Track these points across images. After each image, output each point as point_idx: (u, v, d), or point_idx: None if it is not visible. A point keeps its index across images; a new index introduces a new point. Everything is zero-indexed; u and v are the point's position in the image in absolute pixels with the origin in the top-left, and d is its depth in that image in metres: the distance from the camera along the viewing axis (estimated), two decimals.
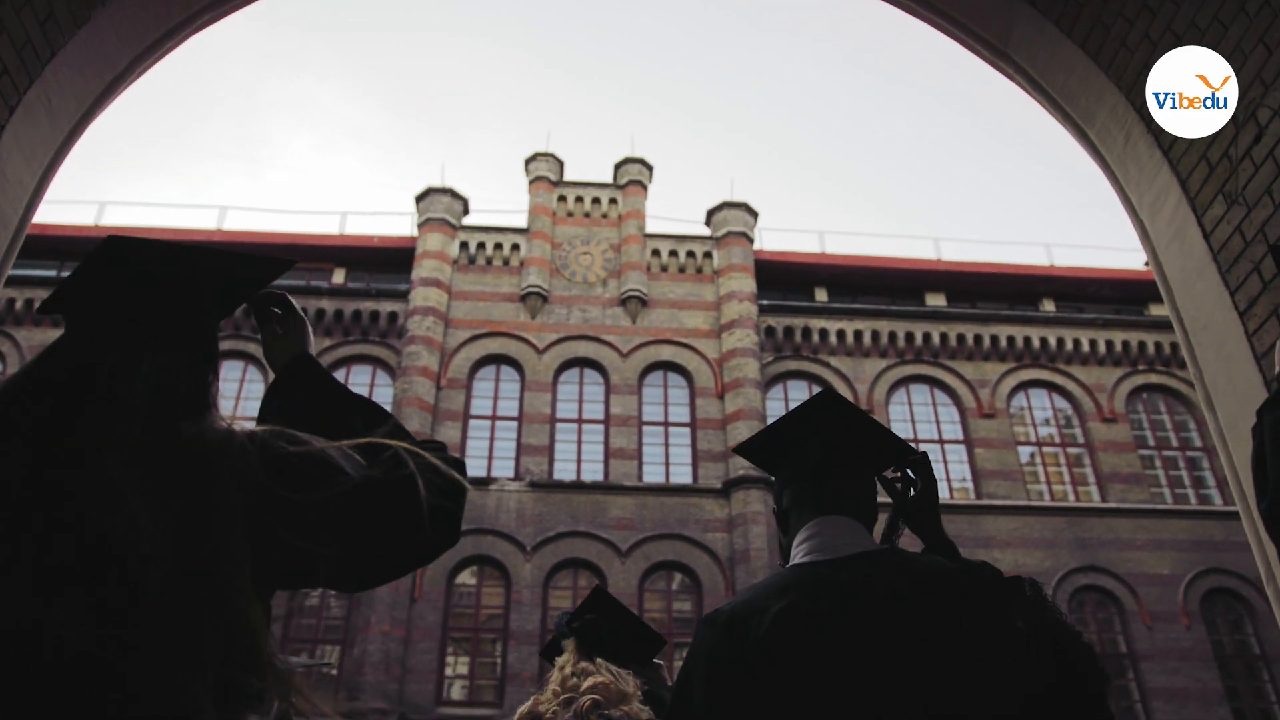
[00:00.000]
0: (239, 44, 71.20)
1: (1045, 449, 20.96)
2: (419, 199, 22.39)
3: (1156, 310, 23.52)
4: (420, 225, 22.04)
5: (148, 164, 63.38)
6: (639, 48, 71.14)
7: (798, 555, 1.70)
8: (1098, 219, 67.33)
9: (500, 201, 58.76)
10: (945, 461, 20.47)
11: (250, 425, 1.23)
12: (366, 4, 66.66)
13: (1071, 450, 20.96)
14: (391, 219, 27.05)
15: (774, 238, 23.66)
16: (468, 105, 72.00)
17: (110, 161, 62.35)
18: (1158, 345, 22.03)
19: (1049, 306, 23.39)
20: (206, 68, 70.31)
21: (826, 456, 1.82)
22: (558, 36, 69.15)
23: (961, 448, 20.71)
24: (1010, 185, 67.69)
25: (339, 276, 22.38)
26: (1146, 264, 19.74)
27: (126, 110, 65.67)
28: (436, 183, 22.38)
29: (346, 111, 72.76)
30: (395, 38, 67.73)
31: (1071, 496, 20.25)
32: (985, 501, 19.62)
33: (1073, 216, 66.37)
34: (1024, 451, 20.81)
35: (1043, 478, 20.54)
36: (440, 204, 22.18)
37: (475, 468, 19.27)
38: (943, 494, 19.61)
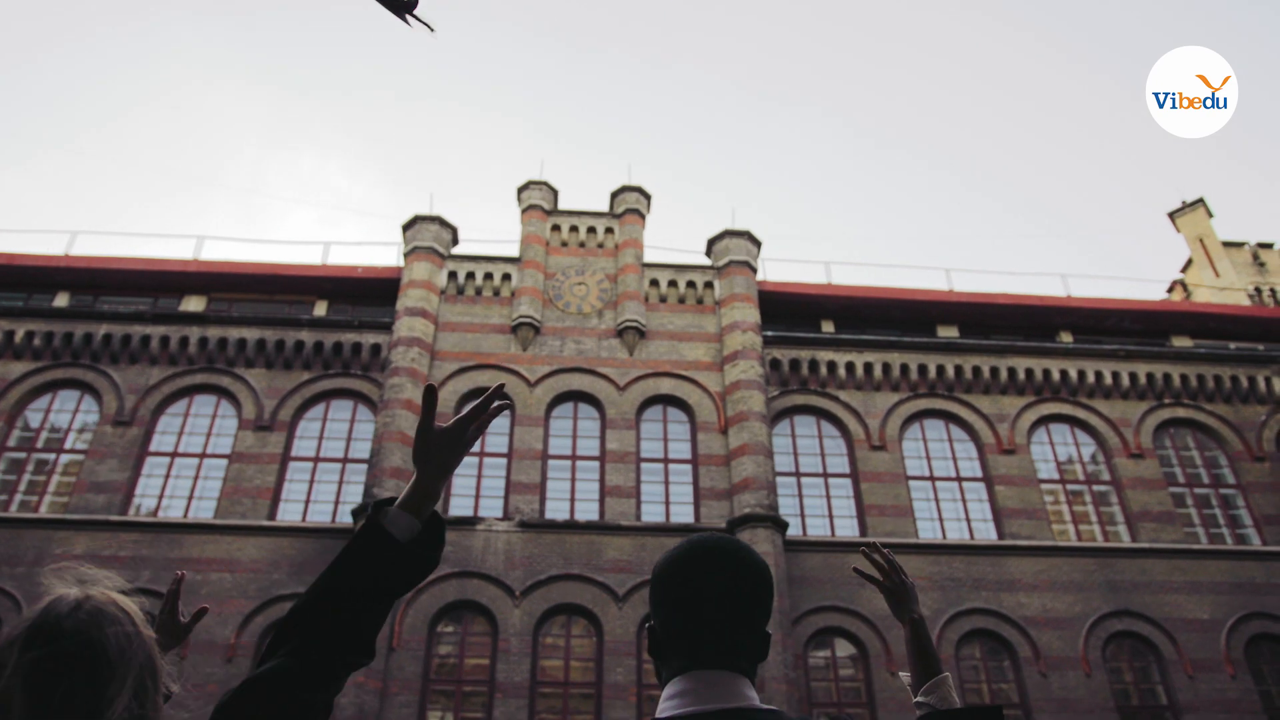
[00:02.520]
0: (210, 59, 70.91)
1: (1069, 486, 19.69)
2: (406, 227, 21.38)
3: (1179, 341, 22.45)
4: (407, 254, 21.00)
5: (123, 194, 62.45)
6: (637, 76, 71.00)
7: (665, 709, 1.62)
8: (1114, 249, 66.41)
9: (493, 232, 58.04)
10: (964, 500, 19.21)
11: None
12: (356, 38, 66.56)
13: (1098, 488, 19.69)
14: (378, 249, 25.98)
15: (778, 268, 22.75)
16: (459, 136, 71.46)
17: (85, 196, 61.40)
18: (1183, 378, 20.89)
19: (1066, 338, 22.28)
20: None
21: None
22: (552, 65, 68.97)
23: (981, 485, 19.45)
24: (1022, 214, 66.94)
25: (321, 309, 21.27)
26: (1168, 293, 18.68)
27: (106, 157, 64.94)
28: (425, 211, 21.39)
29: (333, 139, 72.24)
30: (384, 68, 67.44)
31: (1100, 536, 18.93)
32: (1008, 542, 18.30)
33: (1088, 246, 65.52)
34: (1047, 489, 19.53)
35: (1068, 517, 19.23)
36: (428, 232, 21.16)
37: (461, 506, 17.99)
38: (962, 535, 18.36)
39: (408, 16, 2.97)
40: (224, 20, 64.16)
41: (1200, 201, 30.88)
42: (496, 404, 1.76)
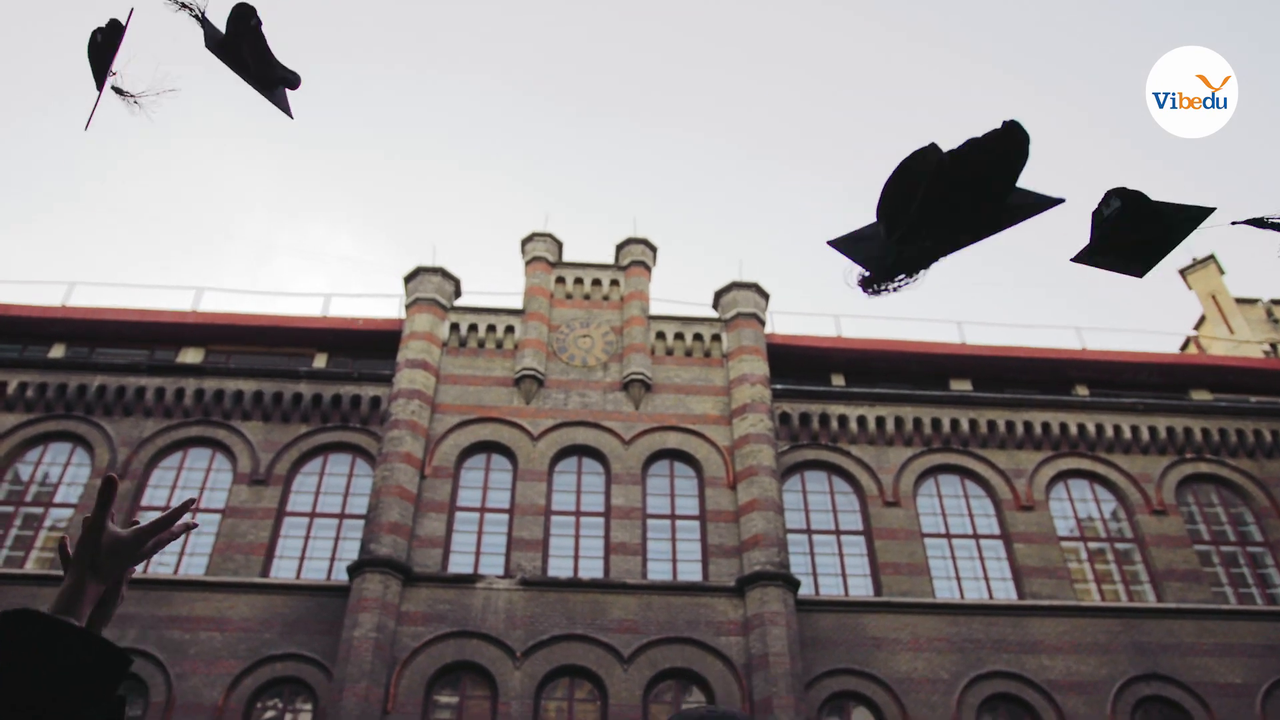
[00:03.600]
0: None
1: (1091, 544, 19.02)
2: (408, 279, 21.06)
3: (1198, 395, 21.92)
4: (408, 306, 20.65)
5: (119, 245, 62.32)
6: (641, 129, 71.23)
7: None
8: (1126, 303, 65.96)
9: (497, 284, 57.70)
10: (982, 558, 18.55)
11: None
12: (355, 83, 67.19)
13: (1120, 545, 19.02)
14: (379, 301, 25.65)
15: (786, 321, 22.30)
16: (463, 190, 71.55)
17: (87, 253, 61.25)
18: (1205, 432, 20.33)
19: (1083, 392, 21.76)
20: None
21: None
22: (556, 120, 69.35)
23: (999, 543, 18.79)
24: (1034, 265, 66.53)
25: (320, 361, 20.87)
26: (1188, 340, 18.11)
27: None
28: (427, 262, 21.10)
29: (338, 200, 72.50)
30: (387, 125, 67.95)
31: (1124, 596, 18.22)
32: (1029, 602, 17.59)
33: (1100, 300, 65.02)
34: (1068, 547, 18.86)
35: (1090, 575, 18.54)
36: (430, 284, 20.84)
37: (461, 563, 17.36)
38: (981, 594, 17.66)
39: (279, 94, 2.53)
40: (227, 82, 64.93)
41: (1211, 258, 30.55)
42: (180, 523, 1.61)
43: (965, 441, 20.00)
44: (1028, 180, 1.88)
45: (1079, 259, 2.14)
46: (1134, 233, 2.03)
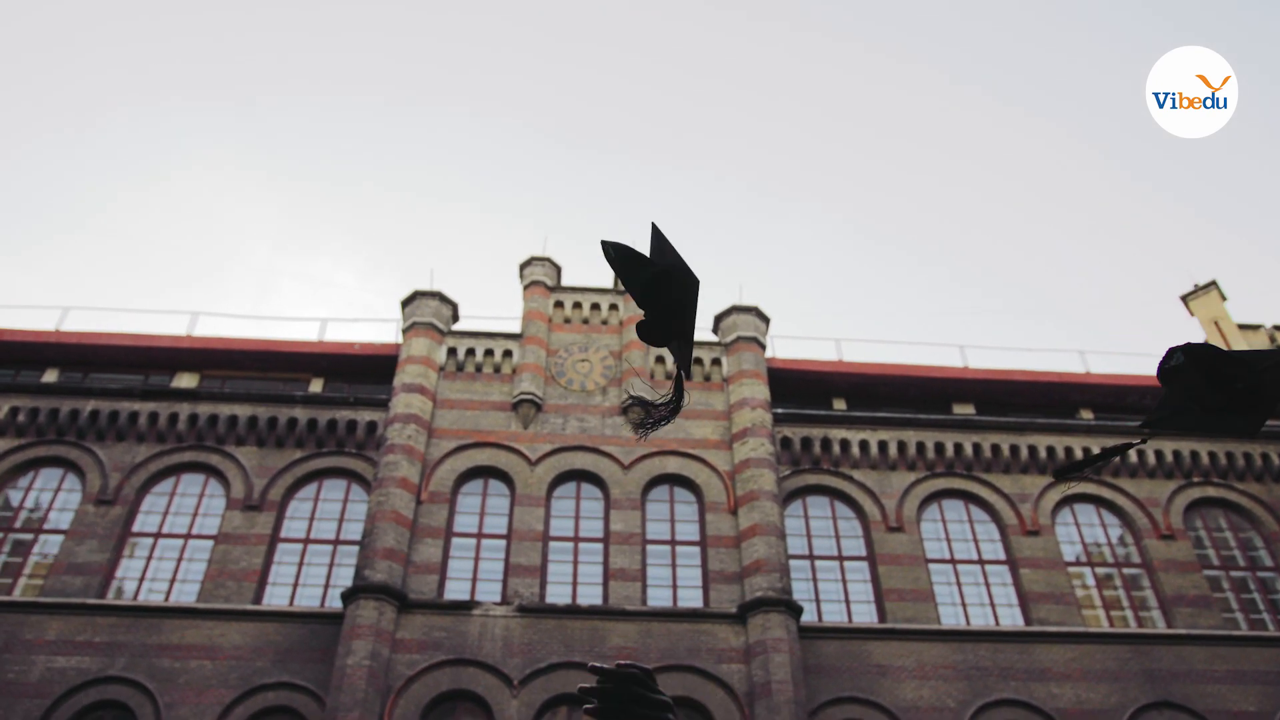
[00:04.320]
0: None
1: (1098, 569, 18.70)
2: (405, 303, 20.90)
3: None
4: (405, 330, 20.47)
5: (119, 278, 62.05)
6: (641, 153, 71.30)
7: None
8: (1127, 328, 65.62)
9: (495, 309, 57.49)
10: (988, 584, 18.22)
11: None
12: (355, 111, 67.43)
13: (1128, 571, 18.70)
14: (376, 326, 25.51)
15: (787, 345, 22.06)
16: (461, 215, 71.45)
17: (87, 283, 60.92)
18: (1212, 455, 20.08)
19: (1087, 415, 21.53)
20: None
21: None
22: (556, 145, 69.40)
23: (1004, 569, 18.47)
24: (1036, 290, 66.24)
25: (316, 386, 20.67)
26: None
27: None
28: (425, 286, 20.95)
29: (337, 230, 72.58)
30: (385, 153, 68.07)
31: (1133, 622, 17.88)
32: (1036, 628, 17.25)
33: (1100, 324, 64.65)
34: (1074, 572, 18.54)
35: (1098, 601, 18.21)
36: (428, 308, 20.67)
37: (457, 590, 17.04)
38: (987, 621, 17.33)
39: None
40: (231, 114, 65.21)
41: (1213, 284, 30.41)
42: None
43: (969, 466, 19.75)
44: None
45: (1154, 424, 2.06)
46: (1216, 391, 1.97)
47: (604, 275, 22.53)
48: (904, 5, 63.26)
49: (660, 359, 20.69)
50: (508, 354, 20.46)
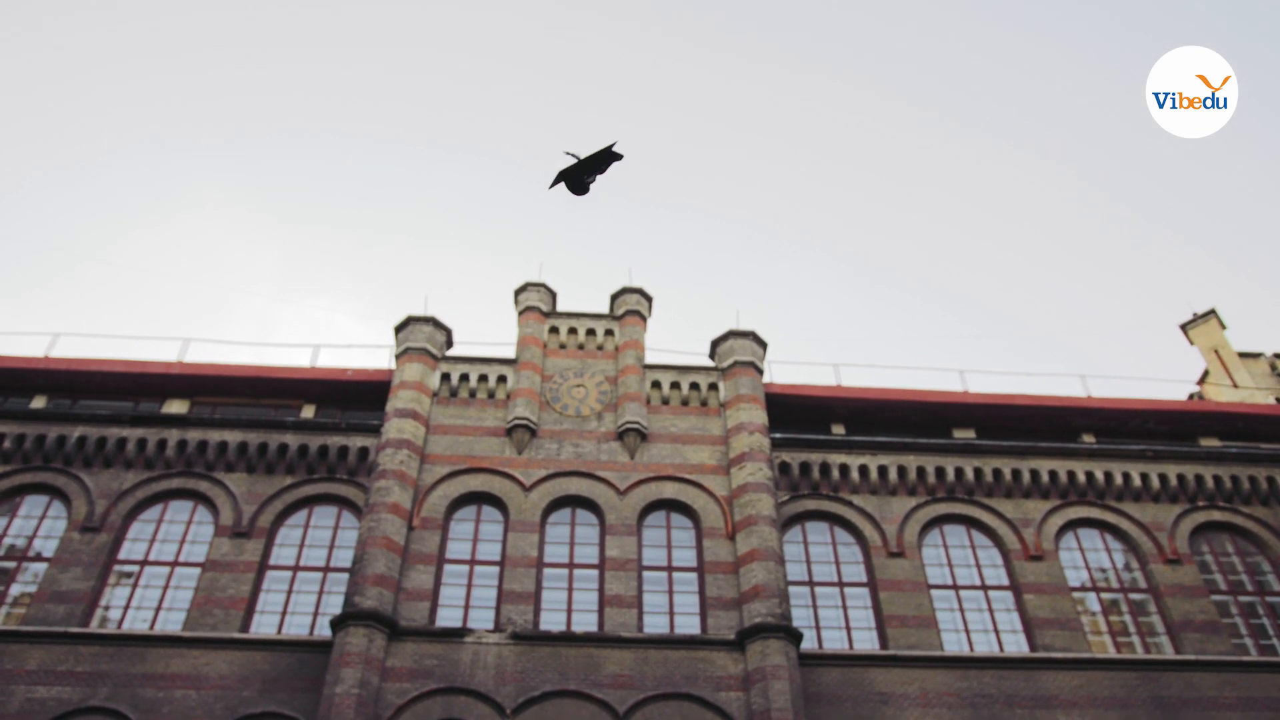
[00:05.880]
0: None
1: (1104, 594, 18.34)
2: (399, 329, 20.71)
3: (1207, 442, 21.43)
4: (398, 355, 20.25)
5: (117, 317, 61.72)
6: (637, 179, 71.43)
7: None
8: (1127, 353, 65.28)
9: (489, 335, 56.99)
10: (991, 610, 17.85)
11: None
12: (346, 142, 67.54)
13: (1134, 596, 18.33)
14: (369, 352, 25.21)
15: (784, 370, 21.83)
16: (456, 241, 71.27)
17: (85, 313, 60.50)
18: (1216, 479, 19.80)
19: (1089, 439, 21.26)
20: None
21: None
22: (553, 171, 69.29)
23: (1008, 594, 18.11)
24: (1036, 319, 65.95)
25: (308, 412, 20.39)
26: (1192, 395, 17.71)
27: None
28: (419, 312, 20.76)
29: (329, 271, 72.46)
30: (381, 181, 68.08)
31: (1140, 648, 17.49)
32: (1041, 655, 16.85)
33: (1101, 349, 64.32)
34: (1079, 597, 18.17)
35: (1104, 627, 17.82)
36: (421, 333, 20.47)
37: (450, 617, 16.67)
38: (991, 647, 16.94)
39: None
40: (234, 156, 65.48)
41: (1212, 313, 30.27)
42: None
43: (970, 490, 19.45)
44: None
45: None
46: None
47: (600, 301, 22.39)
48: (895, 34, 63.79)
49: (656, 384, 20.45)
50: (502, 379, 20.23)
